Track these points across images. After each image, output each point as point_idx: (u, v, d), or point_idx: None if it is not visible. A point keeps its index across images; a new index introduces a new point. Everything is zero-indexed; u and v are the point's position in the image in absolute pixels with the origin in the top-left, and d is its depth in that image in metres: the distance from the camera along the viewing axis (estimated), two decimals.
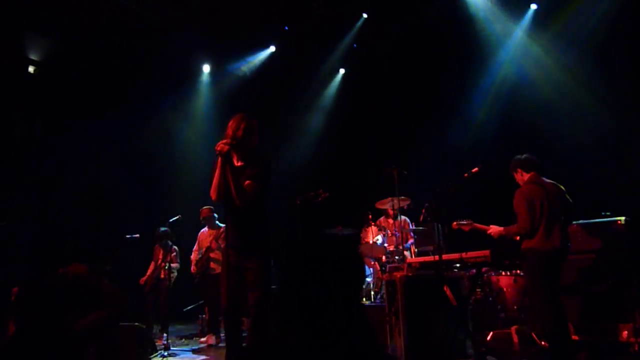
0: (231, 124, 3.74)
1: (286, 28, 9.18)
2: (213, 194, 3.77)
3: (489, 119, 8.41)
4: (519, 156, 4.87)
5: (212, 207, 7.02)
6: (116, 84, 8.60)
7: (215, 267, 6.84)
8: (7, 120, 8.00)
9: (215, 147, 3.59)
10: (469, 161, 5.34)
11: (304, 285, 1.50)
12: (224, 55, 9.51)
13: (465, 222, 5.09)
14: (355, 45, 9.68)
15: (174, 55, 8.93)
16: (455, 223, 5.14)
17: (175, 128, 9.68)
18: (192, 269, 7.19)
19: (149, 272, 7.46)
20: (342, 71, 10.52)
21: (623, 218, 5.31)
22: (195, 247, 7.30)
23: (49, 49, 8.16)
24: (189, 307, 7.99)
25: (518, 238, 4.80)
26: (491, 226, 4.96)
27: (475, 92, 8.66)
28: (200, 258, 7.06)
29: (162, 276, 7.18)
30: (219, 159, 3.63)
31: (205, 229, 7.28)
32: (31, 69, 8.23)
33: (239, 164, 3.75)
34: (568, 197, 4.69)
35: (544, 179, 4.72)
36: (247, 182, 3.66)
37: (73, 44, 8.10)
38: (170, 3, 8.12)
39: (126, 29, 8.17)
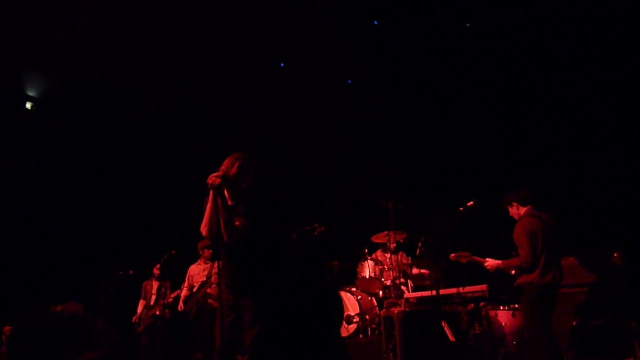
0: (226, 162, 3.75)
1: (282, 65, 9.32)
2: (204, 229, 3.72)
3: (484, 151, 8.47)
4: (513, 190, 4.91)
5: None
6: (112, 121, 8.65)
7: (213, 302, 6.73)
8: (2, 156, 8.01)
9: (207, 180, 3.56)
10: (465, 194, 5.37)
11: (284, 322, 1.51)
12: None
13: (462, 255, 5.09)
14: (349, 82, 9.82)
15: (168, 92, 9.02)
16: (452, 255, 5.14)
17: (171, 167, 9.67)
18: (179, 306, 7.06)
19: (139, 310, 7.32)
20: (333, 105, 10.62)
21: (618, 252, 5.34)
22: (184, 284, 7.12)
23: (46, 85, 8.23)
24: None
25: (513, 272, 4.80)
26: (487, 259, 4.96)
27: (470, 123, 8.74)
28: (195, 293, 6.94)
29: (158, 313, 7.03)
30: (211, 194, 3.61)
31: (197, 263, 7.18)
32: (28, 105, 8.29)
33: (231, 203, 3.70)
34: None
35: (541, 211, 4.76)
36: (237, 219, 3.62)
37: (70, 81, 8.18)
38: (165, 40, 8.24)
39: (123, 67, 8.26)
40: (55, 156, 8.36)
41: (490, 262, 4.92)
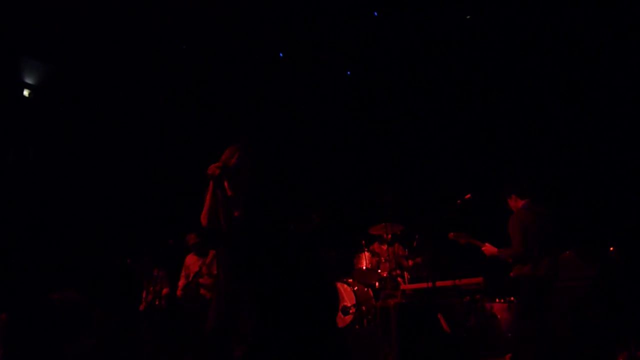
0: (226, 152, 3.75)
1: (281, 55, 9.27)
2: (204, 219, 3.73)
3: (483, 143, 8.46)
4: (513, 182, 4.92)
5: (197, 233, 6.96)
6: (110, 109, 8.61)
7: (205, 293, 6.76)
8: (0, 144, 7.98)
9: (207, 171, 3.57)
10: (464, 187, 5.38)
11: (281, 312, 1.52)
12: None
13: (461, 235, 5.05)
14: (348, 73, 9.79)
15: (168, 81, 8.97)
16: (451, 234, 5.11)
17: (170, 156, 9.65)
18: (177, 292, 7.08)
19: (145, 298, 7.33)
20: (333, 97, 10.58)
21: (614, 246, 5.36)
22: (182, 273, 7.13)
23: (44, 72, 8.19)
24: None
25: (510, 260, 4.81)
26: (486, 244, 4.94)
27: (471, 115, 8.72)
28: (189, 283, 6.96)
29: (157, 303, 7.05)
30: (210, 184, 3.61)
31: (192, 254, 7.19)
32: (26, 92, 8.24)
33: (230, 194, 3.70)
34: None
35: (538, 205, 4.76)
36: (236, 210, 3.63)
37: (68, 68, 8.14)
38: (164, 26, 8.17)
39: (122, 55, 8.22)
40: (52, 144, 8.33)
41: (488, 248, 4.90)
